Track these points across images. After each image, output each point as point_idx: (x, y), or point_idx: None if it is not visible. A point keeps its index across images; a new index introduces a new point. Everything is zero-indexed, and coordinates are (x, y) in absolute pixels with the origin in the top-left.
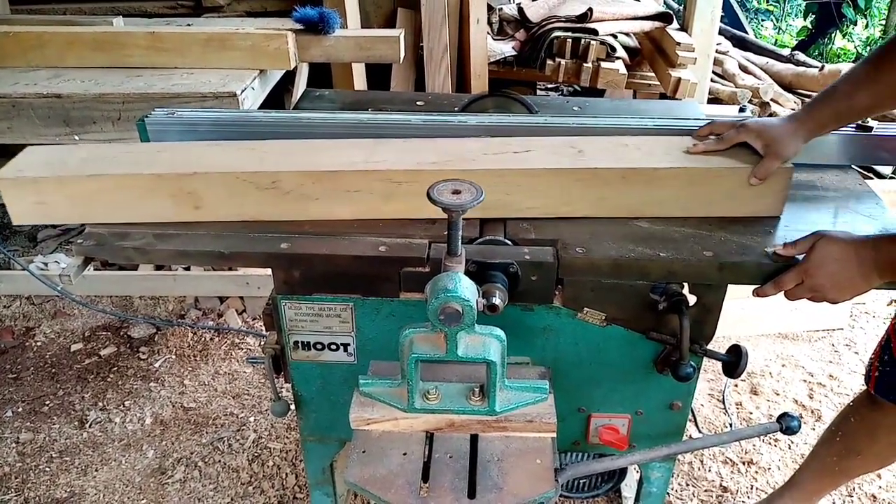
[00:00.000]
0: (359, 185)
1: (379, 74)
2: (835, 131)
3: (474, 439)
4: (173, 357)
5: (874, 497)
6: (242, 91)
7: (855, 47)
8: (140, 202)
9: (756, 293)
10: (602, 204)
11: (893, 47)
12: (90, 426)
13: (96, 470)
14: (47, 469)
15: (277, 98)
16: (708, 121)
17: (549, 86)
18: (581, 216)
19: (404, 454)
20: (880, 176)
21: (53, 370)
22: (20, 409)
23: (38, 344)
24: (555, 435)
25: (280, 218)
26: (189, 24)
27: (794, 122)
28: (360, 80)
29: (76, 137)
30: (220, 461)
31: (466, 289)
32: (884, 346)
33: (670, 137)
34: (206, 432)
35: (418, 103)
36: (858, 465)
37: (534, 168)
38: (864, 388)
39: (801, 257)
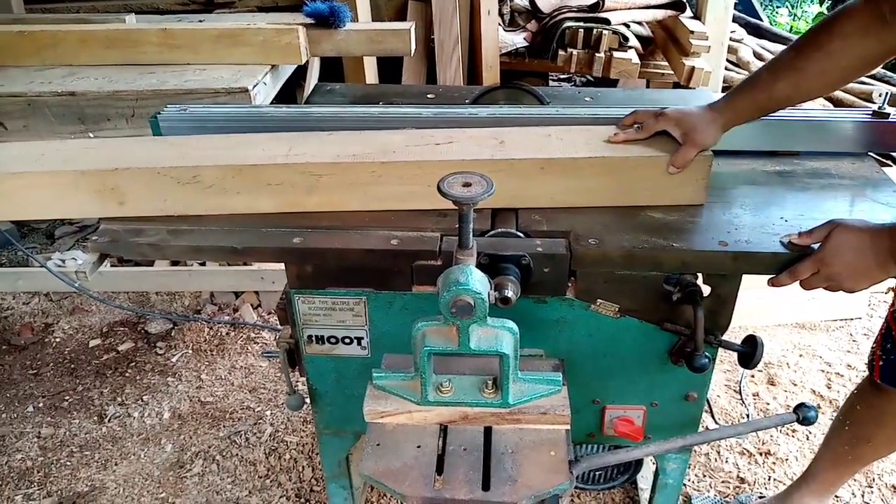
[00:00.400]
0: (280, 179)
1: (390, 68)
2: (753, 121)
3: (488, 432)
4: (190, 352)
5: (894, 488)
6: (254, 86)
7: None
8: (66, 199)
9: (771, 283)
10: (523, 194)
11: (815, 36)
12: (109, 421)
13: (116, 464)
14: (68, 463)
15: (289, 93)
16: (632, 110)
17: (562, 76)
18: (503, 207)
19: (418, 447)
20: None
21: (72, 366)
22: (41, 405)
23: (57, 340)
24: (569, 427)
25: (203, 212)
26: (201, 21)
27: (713, 110)
28: (371, 74)
29: (91, 135)
30: (237, 455)
31: (478, 282)
32: (885, 334)
33: (596, 127)
34: (224, 426)
35: (429, 96)
36: (870, 451)
37: (452, 159)
38: (867, 375)
39: (816, 246)
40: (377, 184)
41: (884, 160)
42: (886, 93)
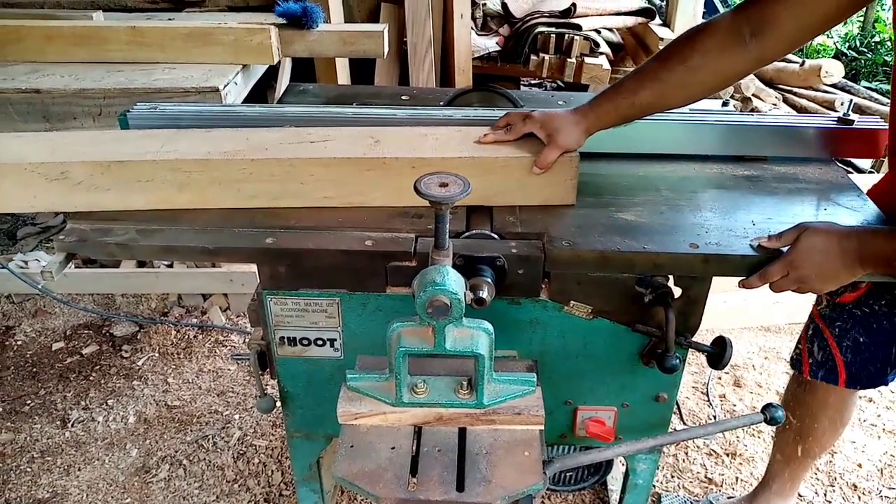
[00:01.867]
0: (150, 175)
1: (363, 69)
2: (617, 126)
3: (462, 432)
4: (156, 355)
5: (855, 486)
6: (225, 86)
7: (834, 43)
8: None
9: (742, 285)
10: (398, 194)
11: (678, 48)
12: (72, 425)
13: (79, 469)
14: (28, 469)
15: (260, 93)
16: (504, 112)
17: (533, 81)
18: (378, 205)
19: (392, 448)
20: (859, 170)
21: (34, 369)
22: (0, 409)
23: (19, 343)
24: (542, 427)
25: (74, 209)
26: (170, 19)
27: (577, 113)
28: (343, 75)
29: None
30: (204, 459)
31: (454, 282)
32: (810, 333)
33: (469, 128)
34: (191, 430)
35: (403, 98)
36: (814, 444)
37: (324, 157)
38: (794, 374)
39: (785, 249)
40: (248, 181)
41: (846, 168)
42: (850, 100)
